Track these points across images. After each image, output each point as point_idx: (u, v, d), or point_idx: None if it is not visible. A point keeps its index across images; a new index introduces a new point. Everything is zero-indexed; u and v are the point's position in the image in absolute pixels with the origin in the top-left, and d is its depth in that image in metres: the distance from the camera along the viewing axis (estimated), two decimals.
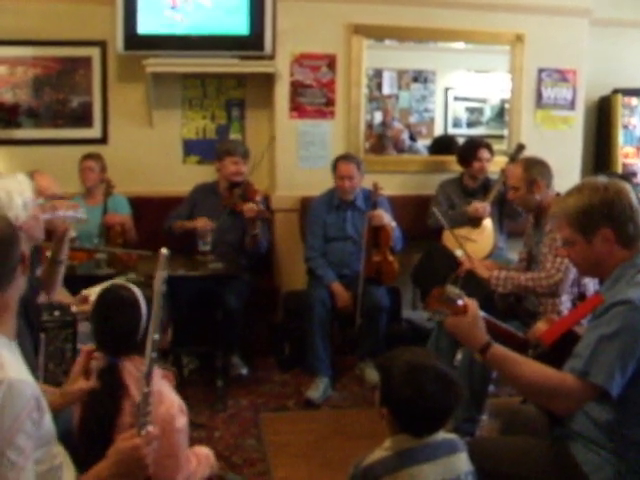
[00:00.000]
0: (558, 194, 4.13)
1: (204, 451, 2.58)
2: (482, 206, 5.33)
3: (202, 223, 5.16)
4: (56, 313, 2.93)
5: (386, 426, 2.28)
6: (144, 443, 1.98)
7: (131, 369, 2.38)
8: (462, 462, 2.22)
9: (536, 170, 4.23)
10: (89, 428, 2.33)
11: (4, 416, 1.86)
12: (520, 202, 4.33)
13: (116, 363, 2.39)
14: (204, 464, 2.49)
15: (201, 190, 5.52)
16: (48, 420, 2.03)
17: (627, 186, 2.49)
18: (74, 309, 3.29)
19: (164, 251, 2.01)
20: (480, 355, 2.39)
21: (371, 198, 5.23)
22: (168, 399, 2.34)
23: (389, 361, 2.29)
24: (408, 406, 2.18)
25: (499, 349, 2.38)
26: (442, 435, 2.24)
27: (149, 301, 2.34)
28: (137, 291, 2.41)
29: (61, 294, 3.43)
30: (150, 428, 2.01)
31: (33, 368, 2.73)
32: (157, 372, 2.43)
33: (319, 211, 5.36)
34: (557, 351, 2.47)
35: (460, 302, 2.42)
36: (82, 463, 2.21)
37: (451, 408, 2.23)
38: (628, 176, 6.11)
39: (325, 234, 5.33)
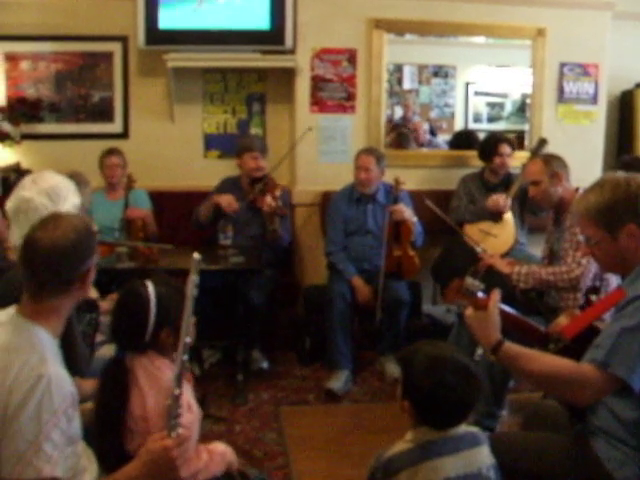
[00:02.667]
0: (577, 189, 4.12)
1: (220, 448, 2.54)
2: (502, 198, 5.30)
3: (227, 200, 5.19)
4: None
5: (408, 419, 2.28)
6: (175, 445, 1.99)
7: (144, 362, 2.38)
8: (484, 455, 2.22)
9: (556, 163, 4.24)
10: (99, 420, 2.34)
11: (43, 410, 1.89)
12: (542, 197, 4.31)
13: (121, 358, 2.40)
14: (217, 461, 2.46)
15: (227, 183, 5.54)
16: (77, 419, 2.06)
17: None
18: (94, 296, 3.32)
19: (196, 256, 2.04)
20: (492, 355, 2.39)
21: (392, 192, 5.22)
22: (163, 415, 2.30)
23: (411, 354, 2.29)
24: (429, 398, 2.18)
25: (511, 347, 2.37)
26: (464, 428, 2.24)
27: (163, 302, 2.38)
28: (152, 290, 2.41)
29: None
30: (180, 430, 2.03)
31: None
32: (172, 367, 2.45)
33: (339, 205, 5.36)
34: (578, 345, 2.45)
35: (480, 294, 2.42)
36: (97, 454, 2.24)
37: (472, 401, 2.23)
38: None
39: (346, 228, 5.33)
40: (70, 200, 3.04)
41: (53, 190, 2.99)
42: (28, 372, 1.93)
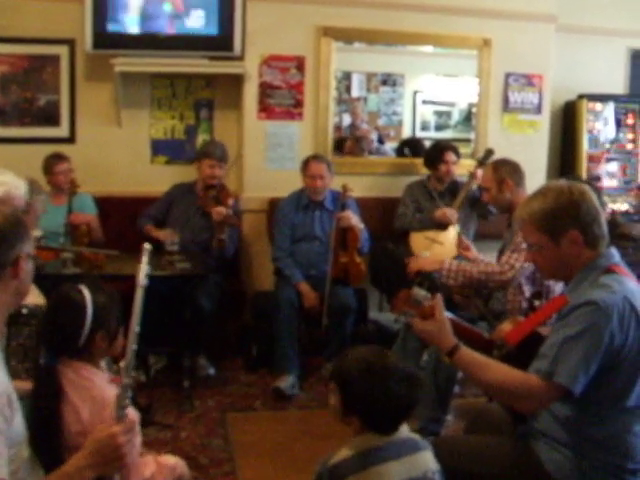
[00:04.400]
0: None
1: (170, 461, 2.52)
2: (450, 212, 5.38)
3: (165, 236, 5.16)
4: (24, 311, 2.90)
5: (350, 427, 2.28)
6: (121, 431, 1.98)
7: (70, 375, 2.35)
8: (427, 460, 2.24)
9: (504, 170, 4.31)
10: (33, 431, 2.30)
11: None
12: (493, 202, 4.42)
13: (54, 364, 2.37)
14: (165, 473, 2.44)
15: (179, 189, 5.56)
16: (19, 420, 2.03)
17: (588, 187, 2.53)
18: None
19: (147, 246, 2.10)
20: (448, 358, 2.42)
21: (340, 199, 5.25)
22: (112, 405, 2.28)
23: (344, 372, 2.27)
24: (374, 407, 2.19)
25: (466, 352, 2.42)
26: (406, 433, 2.26)
27: (98, 307, 2.39)
28: (87, 295, 2.41)
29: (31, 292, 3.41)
30: (129, 417, 2.02)
31: None
32: (104, 377, 2.43)
33: (287, 211, 5.38)
34: (522, 351, 2.50)
35: (426, 303, 2.45)
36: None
37: (413, 400, 2.23)
38: (591, 181, 6.16)
39: (293, 234, 5.35)
40: None
41: None
42: None
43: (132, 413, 2.18)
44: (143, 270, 2.07)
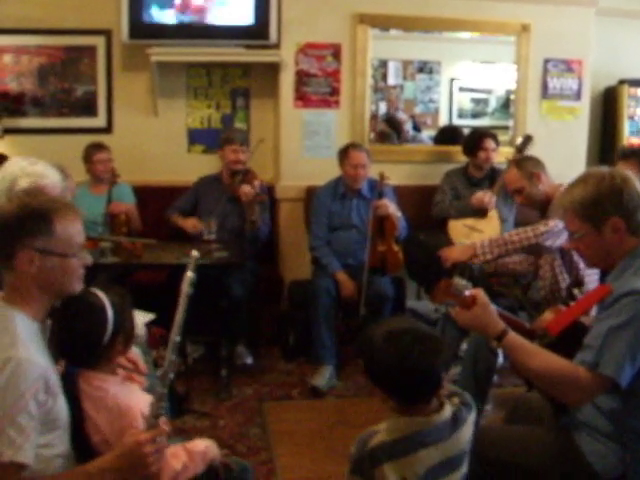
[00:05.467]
0: (561, 185, 4.13)
1: (200, 447, 2.41)
2: (487, 196, 5.31)
3: (191, 225, 5.26)
4: None
5: (386, 406, 2.20)
6: (148, 440, 1.96)
7: (83, 387, 2.26)
8: (466, 433, 2.18)
9: (529, 164, 4.30)
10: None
11: (8, 393, 1.88)
12: (529, 201, 4.34)
13: (74, 373, 2.27)
14: (197, 461, 2.35)
15: (204, 182, 5.57)
16: (61, 405, 2.03)
17: (631, 174, 2.48)
18: None
19: (194, 253, 2.06)
20: (497, 342, 2.39)
21: (377, 187, 5.22)
22: (131, 410, 2.21)
23: (363, 335, 2.23)
24: (385, 371, 2.12)
25: (515, 337, 2.39)
26: (449, 413, 2.17)
27: (116, 309, 2.29)
28: (105, 298, 2.30)
29: None
30: (160, 424, 2.01)
31: None
32: (116, 381, 2.33)
33: (324, 200, 5.36)
34: (564, 341, 2.46)
35: (467, 293, 2.42)
36: None
37: (432, 363, 2.12)
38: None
39: (330, 223, 5.32)
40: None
41: None
42: None
43: (164, 423, 2.15)
44: (188, 279, 2.04)
